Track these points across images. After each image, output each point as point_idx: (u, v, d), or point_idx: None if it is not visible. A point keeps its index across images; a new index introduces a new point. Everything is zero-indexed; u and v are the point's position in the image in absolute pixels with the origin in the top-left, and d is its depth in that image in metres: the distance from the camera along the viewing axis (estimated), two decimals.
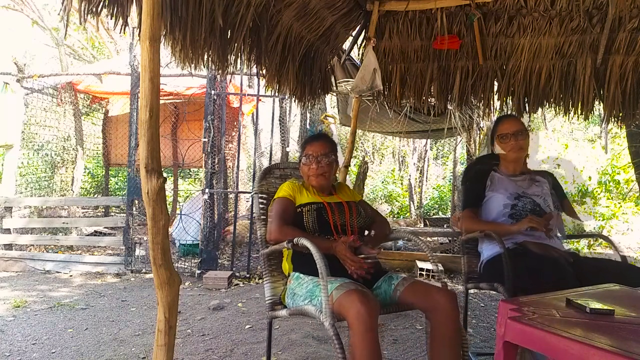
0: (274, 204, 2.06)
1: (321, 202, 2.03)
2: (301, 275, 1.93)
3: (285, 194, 2.06)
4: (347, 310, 1.55)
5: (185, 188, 10.09)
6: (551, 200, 2.34)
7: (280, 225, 1.92)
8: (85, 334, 3.14)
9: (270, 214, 2.07)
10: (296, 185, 2.11)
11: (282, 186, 2.12)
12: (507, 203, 2.28)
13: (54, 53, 12.77)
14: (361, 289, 1.66)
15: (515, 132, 2.29)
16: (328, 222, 1.97)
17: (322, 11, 2.88)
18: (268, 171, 2.38)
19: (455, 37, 3.20)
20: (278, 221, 1.94)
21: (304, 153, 2.12)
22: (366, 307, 1.52)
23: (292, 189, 2.08)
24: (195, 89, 5.68)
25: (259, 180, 2.33)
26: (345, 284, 1.67)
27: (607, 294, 1.46)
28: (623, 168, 6.99)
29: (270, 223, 2.00)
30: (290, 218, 1.98)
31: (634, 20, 2.98)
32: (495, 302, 3.95)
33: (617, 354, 0.93)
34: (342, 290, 1.62)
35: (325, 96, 4.81)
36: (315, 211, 1.98)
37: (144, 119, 1.44)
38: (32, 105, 6.04)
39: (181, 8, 1.94)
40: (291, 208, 2.02)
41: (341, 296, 1.60)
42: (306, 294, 1.83)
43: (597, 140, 13.10)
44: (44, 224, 5.84)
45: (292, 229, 1.91)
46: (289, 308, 1.92)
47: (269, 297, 2.06)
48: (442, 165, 13.15)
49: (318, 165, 2.06)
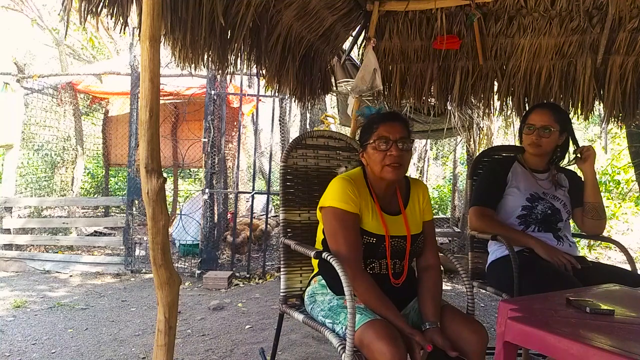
0: (338, 220, 1.62)
1: (383, 235, 1.65)
2: (325, 284, 1.74)
3: (349, 206, 1.62)
4: (374, 355, 1.38)
5: (185, 188, 10.09)
6: (570, 206, 2.19)
7: (355, 273, 1.55)
8: (85, 334, 3.14)
9: (330, 231, 1.64)
10: (354, 184, 1.66)
11: (339, 184, 1.65)
12: (525, 205, 2.13)
13: (54, 53, 12.79)
14: (391, 331, 1.43)
15: (541, 126, 2.09)
16: (383, 254, 1.67)
17: (322, 11, 2.88)
18: (299, 141, 2.07)
19: (455, 37, 3.20)
20: (353, 266, 1.55)
21: (377, 134, 1.65)
22: (392, 351, 1.34)
23: (354, 192, 1.63)
24: (195, 89, 5.68)
25: (288, 151, 2.03)
26: (374, 322, 1.45)
27: (607, 294, 1.46)
28: (623, 168, 6.99)
29: (336, 247, 1.60)
30: (360, 246, 1.62)
31: (634, 20, 2.97)
32: (495, 302, 3.95)
33: (617, 354, 0.93)
34: (370, 329, 1.42)
35: (325, 96, 4.81)
36: (373, 244, 1.65)
37: (144, 119, 1.44)
38: (32, 105, 6.04)
39: (181, 8, 1.94)
40: (358, 229, 1.64)
41: (367, 336, 1.41)
42: (327, 311, 1.64)
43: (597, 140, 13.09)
44: (44, 224, 5.84)
45: (368, 282, 1.57)
46: (306, 314, 1.77)
47: (283, 290, 1.93)
48: (442, 165, 13.14)
49: (399, 152, 1.61)
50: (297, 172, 2.03)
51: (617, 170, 7.10)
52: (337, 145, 2.16)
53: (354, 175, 1.72)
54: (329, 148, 2.13)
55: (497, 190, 2.19)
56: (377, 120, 1.69)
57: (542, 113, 2.13)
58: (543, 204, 2.13)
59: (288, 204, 1.98)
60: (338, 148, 2.16)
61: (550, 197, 2.16)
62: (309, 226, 2.00)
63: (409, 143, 1.65)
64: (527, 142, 2.16)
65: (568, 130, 2.16)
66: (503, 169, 2.22)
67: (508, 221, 2.17)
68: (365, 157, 1.71)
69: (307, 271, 1.98)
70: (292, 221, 1.98)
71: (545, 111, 2.14)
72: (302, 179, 2.04)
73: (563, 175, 2.26)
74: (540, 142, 2.11)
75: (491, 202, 2.19)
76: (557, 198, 2.17)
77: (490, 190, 2.21)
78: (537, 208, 2.12)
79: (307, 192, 2.03)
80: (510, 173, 2.21)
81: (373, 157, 1.65)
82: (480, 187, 2.28)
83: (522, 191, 2.15)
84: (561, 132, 2.13)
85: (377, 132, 1.65)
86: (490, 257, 2.23)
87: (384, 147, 1.62)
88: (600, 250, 6.37)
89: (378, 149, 1.63)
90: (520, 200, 2.14)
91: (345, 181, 1.65)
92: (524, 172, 2.20)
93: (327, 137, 2.14)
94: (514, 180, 2.19)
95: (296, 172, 2.03)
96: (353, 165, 2.12)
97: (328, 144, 2.13)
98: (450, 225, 7.37)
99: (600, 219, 2.17)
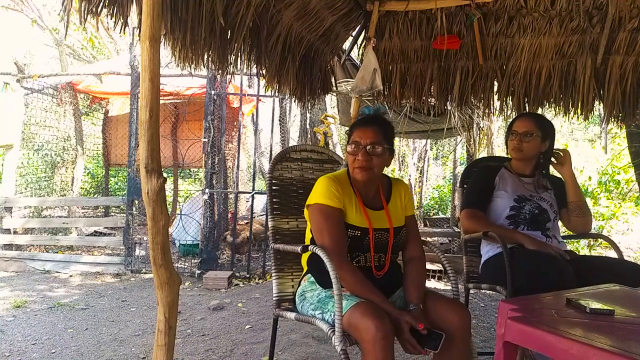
0: (323, 215, 1.70)
1: (367, 228, 1.73)
2: (314, 280, 1.80)
3: (333, 202, 1.70)
4: (360, 333, 1.44)
5: (185, 188, 10.10)
6: (557, 207, 2.29)
7: (341, 263, 1.61)
8: (85, 334, 3.14)
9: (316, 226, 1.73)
10: (338, 182, 1.75)
11: (324, 183, 1.74)
12: (513, 205, 2.23)
13: (54, 53, 12.78)
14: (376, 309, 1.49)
15: (522, 132, 2.22)
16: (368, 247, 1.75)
17: (322, 11, 2.88)
18: (284, 155, 2.16)
19: (455, 37, 3.20)
20: (338, 256, 1.62)
21: (351, 139, 1.77)
22: (382, 331, 1.39)
23: (337, 190, 1.72)
24: (195, 89, 5.68)
25: (273, 164, 2.11)
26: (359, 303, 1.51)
27: (607, 294, 1.46)
28: (623, 168, 6.98)
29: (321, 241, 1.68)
30: (345, 239, 1.70)
31: (634, 20, 2.97)
32: (495, 302, 3.96)
33: (617, 354, 0.93)
34: (356, 310, 1.48)
35: (325, 96, 4.81)
36: (358, 237, 1.73)
37: (144, 119, 1.44)
38: (32, 105, 6.05)
39: (181, 8, 1.94)
40: (343, 223, 1.71)
41: (354, 317, 1.47)
42: (317, 303, 1.70)
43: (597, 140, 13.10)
44: (44, 224, 5.84)
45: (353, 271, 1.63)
46: (298, 312, 1.83)
47: (275, 294, 1.99)
48: (442, 165, 13.14)
49: (365, 157, 1.71)
50: (283, 182, 2.12)
51: (617, 170, 7.10)
52: (320, 158, 2.26)
53: (339, 175, 1.82)
54: (313, 161, 2.23)
55: (486, 194, 2.31)
56: (355, 124, 1.82)
57: (524, 120, 2.26)
58: (530, 204, 2.23)
59: (276, 212, 2.07)
60: (321, 161, 2.26)
61: (537, 198, 2.26)
62: (298, 233, 2.10)
63: (380, 147, 1.72)
64: (511, 148, 2.29)
65: (551, 138, 2.28)
66: (491, 175, 2.34)
67: (498, 222, 2.26)
68: (345, 157, 1.84)
69: (298, 275, 2.03)
70: (281, 228, 2.08)
71: (528, 119, 2.28)
72: (288, 190, 2.14)
73: (548, 181, 2.37)
74: (521, 147, 2.23)
75: (481, 204, 2.30)
76: (544, 199, 2.27)
77: (479, 194, 2.33)
78: (524, 208, 2.22)
79: (293, 202, 2.13)
80: (498, 177, 2.32)
81: (348, 159, 1.78)
82: (470, 192, 2.40)
83: (510, 193, 2.25)
84: (543, 139, 2.23)
85: (352, 136, 1.77)
86: (483, 258, 2.31)
87: (354, 151, 1.73)
88: (600, 250, 6.37)
89: (350, 152, 1.75)
90: (508, 202, 2.24)
91: (329, 179, 1.75)
92: (511, 177, 2.32)
93: (309, 151, 2.25)
94: (502, 184, 2.30)
95: (282, 183, 2.12)
96: None
97: (311, 157, 2.23)
98: (450, 225, 7.36)
99: (584, 216, 2.28)
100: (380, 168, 1.76)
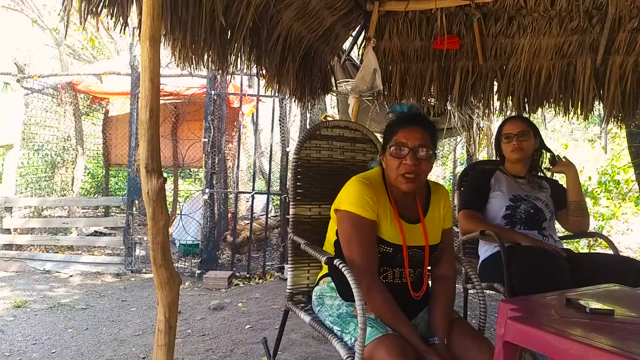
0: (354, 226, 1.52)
1: (400, 245, 1.55)
2: (335, 288, 1.67)
3: (367, 212, 1.51)
4: None
5: (185, 188, 10.09)
6: (553, 207, 2.34)
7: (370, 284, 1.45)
8: (85, 334, 3.14)
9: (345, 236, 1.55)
10: (372, 189, 1.55)
11: (357, 187, 1.55)
12: (509, 205, 2.27)
13: (54, 53, 12.77)
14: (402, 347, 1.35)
15: (518, 132, 2.27)
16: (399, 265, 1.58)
17: (322, 11, 2.88)
18: (314, 131, 1.96)
19: (455, 38, 3.20)
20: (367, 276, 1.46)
21: (394, 140, 1.55)
22: None
23: (372, 198, 1.53)
24: (195, 89, 5.68)
25: (301, 142, 1.93)
26: (386, 337, 1.37)
27: (607, 294, 1.46)
28: (623, 168, 6.99)
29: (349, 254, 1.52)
30: (376, 255, 1.53)
31: (634, 20, 2.97)
32: (495, 302, 3.95)
33: (617, 354, 0.93)
34: (382, 346, 1.34)
35: (325, 96, 4.81)
36: (389, 254, 1.55)
37: (144, 119, 1.44)
38: (32, 105, 6.04)
39: (181, 8, 1.94)
40: (375, 237, 1.53)
41: (378, 353, 1.33)
42: (336, 318, 1.57)
43: (596, 140, 13.10)
44: (44, 224, 5.84)
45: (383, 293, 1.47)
46: (313, 315, 1.71)
47: (289, 286, 1.88)
48: (442, 165, 13.13)
49: (414, 161, 1.50)
50: (309, 164, 1.95)
51: (617, 170, 7.11)
52: (353, 136, 2.07)
53: (372, 178, 1.61)
54: (344, 139, 2.04)
55: (482, 196, 2.35)
56: (398, 123, 1.59)
57: (515, 122, 2.34)
58: (526, 204, 2.27)
59: (298, 198, 1.91)
60: (354, 139, 2.07)
61: (533, 198, 2.30)
62: (319, 222, 1.93)
63: (429, 151, 1.52)
64: (510, 150, 2.31)
65: (540, 136, 2.36)
66: (486, 177, 2.39)
67: (495, 222, 2.30)
68: (384, 160, 1.61)
69: (315, 267, 1.94)
70: (303, 216, 1.92)
71: (518, 120, 2.38)
72: (314, 172, 1.96)
73: (544, 181, 2.42)
74: (522, 146, 2.28)
75: (477, 205, 2.35)
76: (539, 199, 2.31)
77: (476, 195, 2.37)
78: (520, 208, 2.26)
79: (318, 187, 1.96)
80: (493, 179, 2.37)
81: (389, 163, 1.56)
82: (467, 194, 2.45)
83: (506, 193, 2.30)
84: (535, 136, 2.32)
85: (396, 136, 1.55)
86: (481, 258, 2.35)
87: (401, 154, 1.52)
88: (600, 250, 6.37)
89: (394, 155, 1.54)
90: (504, 202, 2.28)
91: (363, 184, 1.55)
92: (506, 178, 2.37)
93: (342, 128, 2.03)
94: (497, 185, 2.34)
95: (309, 165, 1.95)
96: (367, 158, 2.07)
97: (343, 135, 2.03)
98: None
99: (584, 216, 2.34)
100: (426, 175, 1.58)
